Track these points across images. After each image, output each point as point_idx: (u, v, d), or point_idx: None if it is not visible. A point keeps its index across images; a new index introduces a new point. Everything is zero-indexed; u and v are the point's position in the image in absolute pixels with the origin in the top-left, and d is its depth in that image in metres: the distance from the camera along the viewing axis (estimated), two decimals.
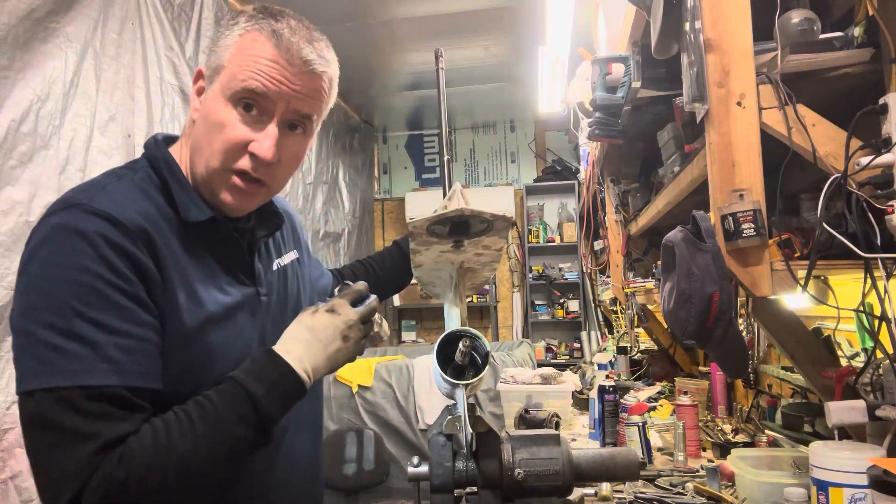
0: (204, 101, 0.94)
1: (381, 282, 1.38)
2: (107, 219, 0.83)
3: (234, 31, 0.93)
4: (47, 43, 2.27)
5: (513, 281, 6.29)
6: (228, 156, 0.91)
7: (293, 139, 0.95)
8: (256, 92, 0.89)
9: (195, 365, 0.90)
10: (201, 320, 0.90)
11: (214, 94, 0.92)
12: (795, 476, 1.36)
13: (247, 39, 0.91)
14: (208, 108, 0.92)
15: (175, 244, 0.90)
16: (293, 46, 0.91)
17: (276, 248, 1.10)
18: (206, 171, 0.93)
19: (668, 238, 1.24)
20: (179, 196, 0.93)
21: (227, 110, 0.90)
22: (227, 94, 0.90)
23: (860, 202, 1.03)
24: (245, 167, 0.92)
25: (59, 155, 2.30)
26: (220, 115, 0.90)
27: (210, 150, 0.91)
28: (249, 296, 0.99)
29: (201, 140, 0.93)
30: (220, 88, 0.91)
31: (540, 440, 0.95)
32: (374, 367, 3.72)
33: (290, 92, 0.91)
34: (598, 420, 2.14)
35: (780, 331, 1.36)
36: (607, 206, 2.93)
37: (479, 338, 0.94)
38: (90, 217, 0.83)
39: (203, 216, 0.93)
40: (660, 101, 1.75)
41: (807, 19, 1.17)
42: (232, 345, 0.94)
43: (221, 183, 0.93)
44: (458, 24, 4.09)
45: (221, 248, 0.97)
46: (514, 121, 6.46)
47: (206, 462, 0.83)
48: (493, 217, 0.95)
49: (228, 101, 0.90)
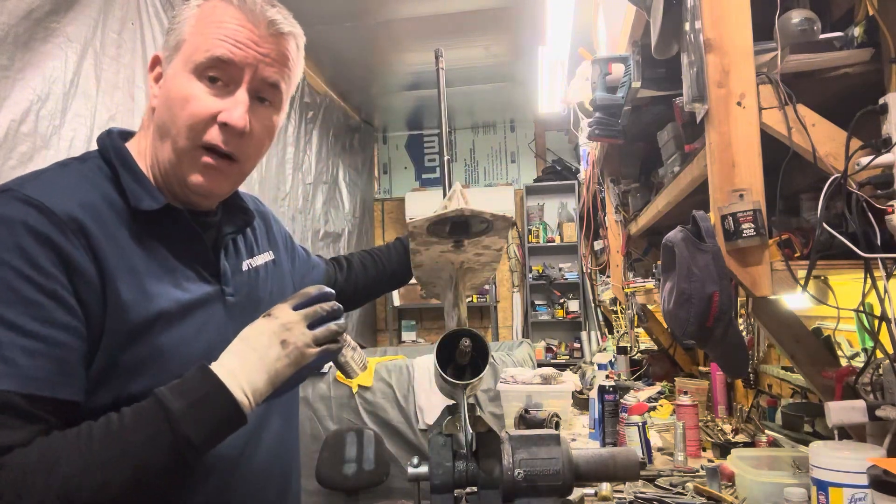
0: (164, 83, 0.89)
1: (386, 273, 1.39)
2: (34, 206, 0.77)
3: (191, 3, 0.89)
4: (47, 43, 2.27)
5: (513, 281, 6.29)
6: (196, 130, 0.87)
7: (262, 111, 0.92)
8: (222, 59, 0.86)
9: (146, 365, 0.82)
10: (150, 316, 0.83)
11: (175, 72, 0.87)
12: (795, 476, 1.36)
13: (206, 9, 0.88)
14: (169, 87, 0.88)
15: (123, 236, 0.84)
16: (257, 8, 0.88)
17: (247, 247, 1.05)
18: (175, 153, 0.88)
19: (668, 238, 1.24)
20: (129, 185, 0.87)
21: (190, 83, 0.86)
22: (190, 66, 0.86)
23: (860, 202, 1.03)
24: (215, 140, 0.87)
25: (59, 155, 2.30)
26: (184, 90, 0.86)
27: (176, 128, 0.87)
28: (212, 294, 0.93)
29: (165, 122, 0.88)
30: (182, 63, 0.87)
31: (540, 440, 0.95)
32: (375, 367, 3.72)
33: (257, 55, 0.87)
34: (598, 420, 2.14)
35: (780, 331, 1.36)
36: (607, 206, 2.93)
37: (479, 338, 0.94)
38: (16, 203, 0.77)
39: (156, 204, 0.87)
40: (660, 101, 1.75)
41: (807, 19, 1.17)
42: (189, 345, 0.87)
43: (191, 164, 0.88)
44: (458, 24, 4.09)
45: (179, 241, 0.90)
46: (514, 121, 6.46)
47: (98, 489, 0.72)
48: (493, 217, 0.95)
49: (192, 74, 0.86)
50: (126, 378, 0.80)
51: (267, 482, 1.00)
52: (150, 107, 0.91)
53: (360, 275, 1.38)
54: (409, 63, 4.71)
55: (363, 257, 1.40)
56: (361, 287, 1.38)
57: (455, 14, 3.96)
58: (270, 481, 1.01)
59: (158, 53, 0.92)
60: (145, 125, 0.94)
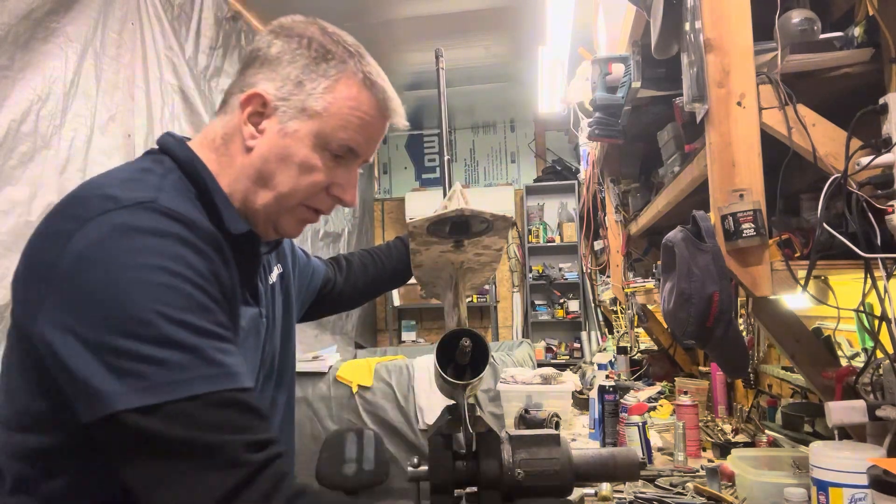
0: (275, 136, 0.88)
1: (386, 273, 1.39)
2: (179, 220, 0.75)
3: (327, 73, 0.88)
4: (47, 43, 2.27)
5: (513, 281, 6.29)
6: (310, 196, 0.90)
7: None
8: (353, 150, 0.90)
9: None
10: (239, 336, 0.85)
11: (300, 136, 0.87)
12: (795, 476, 1.36)
13: (348, 87, 0.88)
14: (288, 148, 0.87)
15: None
16: (391, 98, 0.93)
17: (267, 265, 1.06)
18: (278, 204, 0.89)
19: (668, 238, 1.24)
20: (223, 206, 0.86)
21: (314, 154, 0.88)
22: (321, 143, 0.88)
23: (860, 202, 1.03)
24: (323, 207, 0.92)
25: (59, 155, 2.30)
26: (307, 159, 0.88)
27: (288, 189, 0.88)
28: (255, 317, 0.95)
29: (274, 177, 0.88)
30: (311, 134, 0.87)
31: (540, 440, 0.95)
32: (374, 367, 3.72)
33: (375, 145, 0.94)
34: (598, 420, 2.14)
35: (780, 331, 1.36)
36: (607, 206, 2.93)
37: (479, 338, 0.94)
38: (162, 217, 0.75)
39: (243, 229, 0.88)
40: (660, 101, 1.75)
41: (807, 19, 1.17)
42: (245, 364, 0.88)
43: (291, 215, 0.91)
44: (458, 24, 4.09)
45: (242, 265, 0.90)
46: (514, 121, 6.46)
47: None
48: (493, 217, 0.95)
49: (317, 146, 0.88)
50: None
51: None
52: (242, 143, 0.89)
53: (359, 275, 1.38)
54: (409, 63, 4.71)
55: (363, 257, 1.40)
56: (361, 287, 1.38)
57: (455, 14, 3.96)
58: None
59: (264, 95, 0.87)
60: (220, 149, 0.91)
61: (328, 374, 3.71)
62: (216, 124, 0.93)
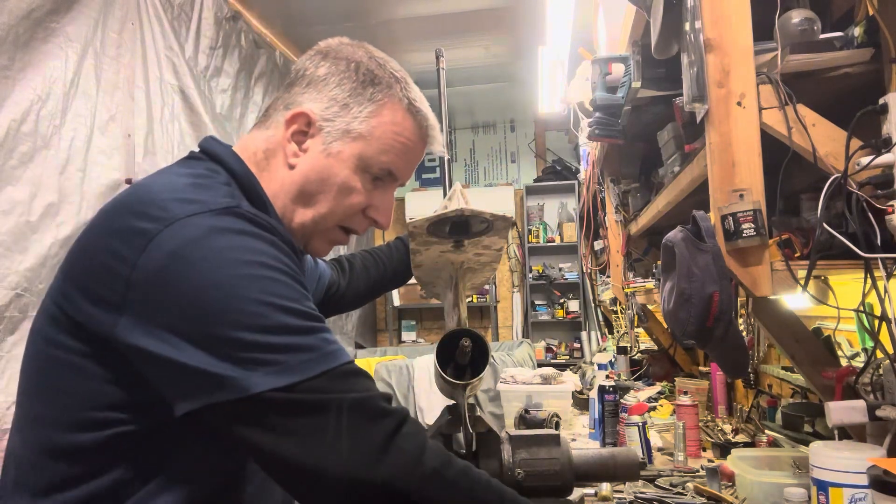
0: (319, 156, 0.89)
1: (387, 274, 1.39)
2: (264, 227, 0.78)
3: (373, 97, 0.90)
4: (48, 43, 2.27)
5: (513, 281, 6.29)
6: (348, 218, 0.92)
7: None
8: (392, 174, 0.92)
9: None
10: None
11: (342, 158, 0.89)
12: (795, 476, 1.36)
13: (391, 115, 0.90)
14: (331, 168, 0.89)
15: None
16: (430, 126, 0.94)
17: None
18: (315, 224, 0.91)
19: (668, 238, 1.24)
20: (278, 222, 0.89)
21: (355, 176, 0.90)
22: (362, 164, 0.89)
23: (860, 202, 1.03)
24: (358, 227, 0.94)
25: (59, 155, 2.30)
26: (348, 181, 0.90)
27: (327, 209, 0.90)
28: None
29: (314, 197, 0.90)
30: (353, 157, 0.89)
31: (540, 440, 0.95)
32: (375, 367, 3.72)
33: (413, 170, 0.96)
34: (598, 420, 2.14)
35: (780, 331, 1.36)
36: (607, 206, 2.93)
37: (479, 338, 0.94)
38: (247, 223, 0.77)
39: (294, 244, 0.90)
40: (660, 101, 1.75)
41: (807, 19, 1.17)
42: None
43: (324, 234, 0.94)
44: (458, 24, 4.09)
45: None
46: (514, 121, 6.46)
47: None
48: (493, 217, 0.95)
49: (358, 168, 0.90)
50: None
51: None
52: (286, 161, 0.90)
53: (361, 277, 1.38)
54: (409, 63, 4.68)
55: (364, 258, 1.40)
56: (363, 289, 1.38)
57: (455, 14, 3.96)
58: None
59: (309, 114, 0.89)
60: (261, 164, 0.91)
61: None
62: (257, 137, 0.93)
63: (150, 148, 2.76)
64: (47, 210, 2.25)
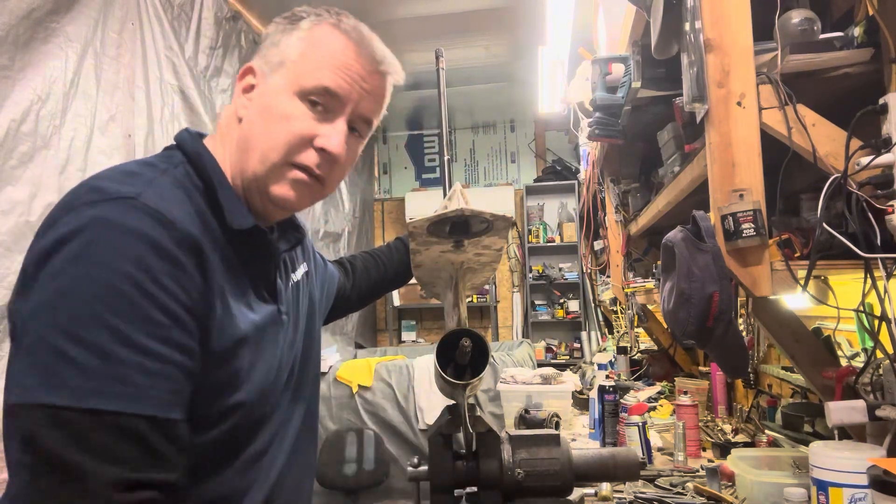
0: (259, 97, 0.89)
1: (388, 275, 1.39)
2: (158, 220, 0.74)
3: (301, 26, 0.89)
4: (48, 43, 2.27)
5: (513, 281, 6.29)
6: (292, 148, 0.86)
7: (353, 141, 0.93)
8: (330, 90, 0.87)
9: (221, 389, 0.81)
10: (235, 340, 0.82)
11: (277, 89, 0.87)
12: (795, 476, 1.36)
13: (320, 34, 0.89)
14: (268, 103, 0.87)
15: (216, 255, 0.82)
16: (370, 45, 0.90)
17: (290, 262, 1.05)
18: (263, 165, 0.87)
19: (668, 238, 1.24)
20: (226, 200, 0.86)
21: (292, 103, 0.86)
22: (295, 88, 0.86)
23: (860, 202, 1.03)
24: (309, 162, 0.87)
25: (59, 155, 2.30)
26: (285, 108, 0.86)
27: (270, 143, 0.86)
28: (273, 314, 0.93)
29: (257, 136, 0.87)
30: (286, 83, 0.87)
31: (540, 440, 0.95)
32: (374, 367, 3.72)
33: (361, 92, 0.89)
34: (598, 420, 2.14)
35: (780, 331, 1.36)
36: (607, 206, 2.93)
37: (479, 338, 0.93)
38: (139, 213, 0.73)
39: (248, 224, 0.86)
40: (660, 101, 1.75)
41: (807, 19, 1.17)
42: (255, 368, 0.87)
43: (279, 177, 0.87)
44: (458, 24, 4.09)
45: (253, 261, 0.90)
46: (514, 121, 6.46)
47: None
48: (493, 217, 0.95)
49: (294, 96, 0.86)
50: (198, 401, 0.78)
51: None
52: (235, 116, 0.90)
53: (363, 279, 1.38)
54: (409, 63, 4.71)
55: (365, 260, 1.39)
56: (365, 290, 1.38)
57: (455, 14, 3.96)
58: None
59: (252, 65, 0.91)
60: (223, 132, 0.92)
61: (328, 374, 3.71)
62: (226, 111, 0.94)
63: (150, 148, 2.76)
64: (47, 210, 2.21)
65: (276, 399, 0.94)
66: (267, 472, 0.91)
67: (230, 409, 0.82)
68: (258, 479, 0.89)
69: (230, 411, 0.82)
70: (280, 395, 0.95)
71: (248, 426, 0.87)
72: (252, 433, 0.89)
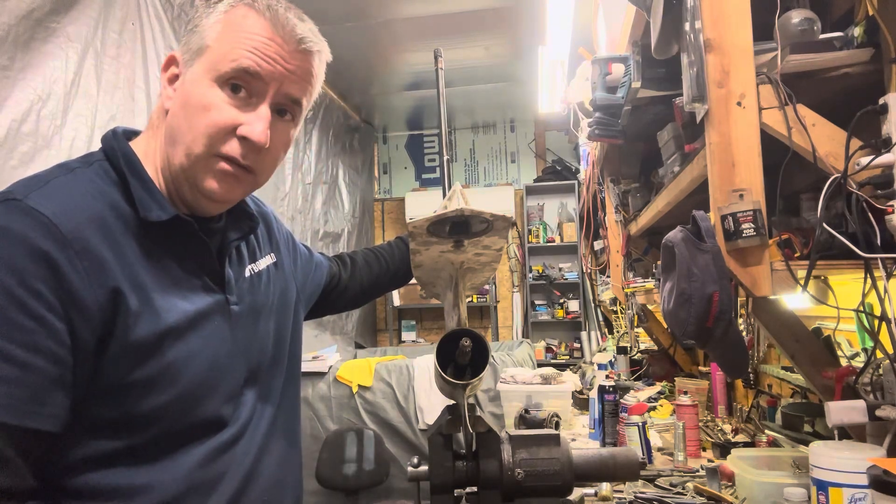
0: (181, 86, 0.86)
1: (389, 272, 1.39)
2: (38, 220, 0.73)
3: (217, 8, 0.86)
4: (48, 43, 2.27)
5: (513, 281, 6.29)
6: (214, 140, 0.84)
7: (282, 125, 0.90)
8: (249, 72, 0.83)
9: (155, 382, 0.81)
10: (159, 332, 0.81)
11: (196, 77, 0.85)
12: (795, 476, 1.36)
13: (235, 16, 0.85)
14: (188, 92, 0.85)
15: (131, 248, 0.81)
16: (288, 23, 0.85)
17: (249, 252, 1.03)
18: (188, 159, 0.84)
19: (668, 238, 1.24)
20: (138, 192, 0.84)
21: (212, 91, 0.84)
22: (213, 74, 0.84)
23: (860, 202, 1.03)
24: (233, 153, 0.85)
25: (60, 155, 2.30)
26: (205, 97, 0.83)
27: (192, 134, 0.84)
28: (217, 304, 0.91)
29: (180, 127, 0.85)
30: (204, 70, 0.84)
31: (540, 440, 0.95)
32: (374, 367, 3.72)
33: (283, 72, 0.86)
34: (598, 420, 2.14)
35: (780, 331, 1.36)
36: (607, 206, 2.93)
37: (479, 338, 0.93)
38: (19, 214, 0.73)
39: (165, 215, 0.84)
40: (660, 101, 1.75)
41: (807, 19, 1.17)
42: (196, 358, 0.85)
43: (206, 170, 0.85)
44: (458, 24, 4.09)
45: (185, 251, 0.88)
46: (514, 121, 6.46)
47: None
48: (493, 217, 0.95)
49: (214, 83, 0.84)
50: (136, 395, 0.80)
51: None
52: (163, 108, 0.88)
53: (364, 271, 1.37)
54: (409, 63, 4.71)
55: (366, 254, 1.39)
56: (366, 285, 1.38)
57: (455, 14, 3.96)
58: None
59: (175, 54, 0.88)
60: (154, 125, 0.90)
61: (328, 374, 3.71)
62: (155, 106, 0.92)
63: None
64: None
65: (233, 391, 0.92)
66: (239, 464, 0.90)
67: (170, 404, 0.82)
68: (229, 471, 0.89)
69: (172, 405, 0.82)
70: (240, 388, 0.94)
71: (200, 418, 0.86)
72: (207, 425, 0.88)
